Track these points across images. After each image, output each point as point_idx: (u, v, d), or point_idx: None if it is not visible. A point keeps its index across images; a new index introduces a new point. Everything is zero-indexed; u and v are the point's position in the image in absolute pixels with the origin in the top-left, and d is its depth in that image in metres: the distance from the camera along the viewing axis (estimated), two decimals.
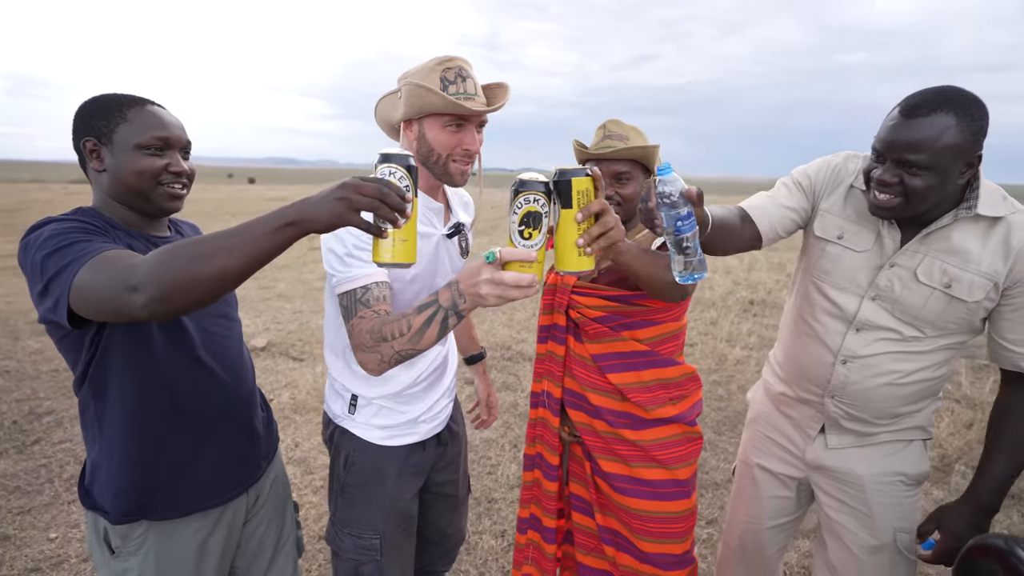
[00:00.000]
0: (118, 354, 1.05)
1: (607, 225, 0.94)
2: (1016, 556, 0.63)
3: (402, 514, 1.38)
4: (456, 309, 1.02)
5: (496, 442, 3.27)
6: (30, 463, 2.91)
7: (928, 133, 1.05)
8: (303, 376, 4.15)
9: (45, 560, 2.22)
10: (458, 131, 1.22)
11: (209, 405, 1.16)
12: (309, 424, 3.44)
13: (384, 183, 0.83)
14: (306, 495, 2.71)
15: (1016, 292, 1.14)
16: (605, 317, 1.38)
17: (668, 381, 1.38)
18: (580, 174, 0.92)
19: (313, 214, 0.82)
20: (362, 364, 1.13)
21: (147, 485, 1.11)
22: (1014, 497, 2.79)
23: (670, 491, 1.37)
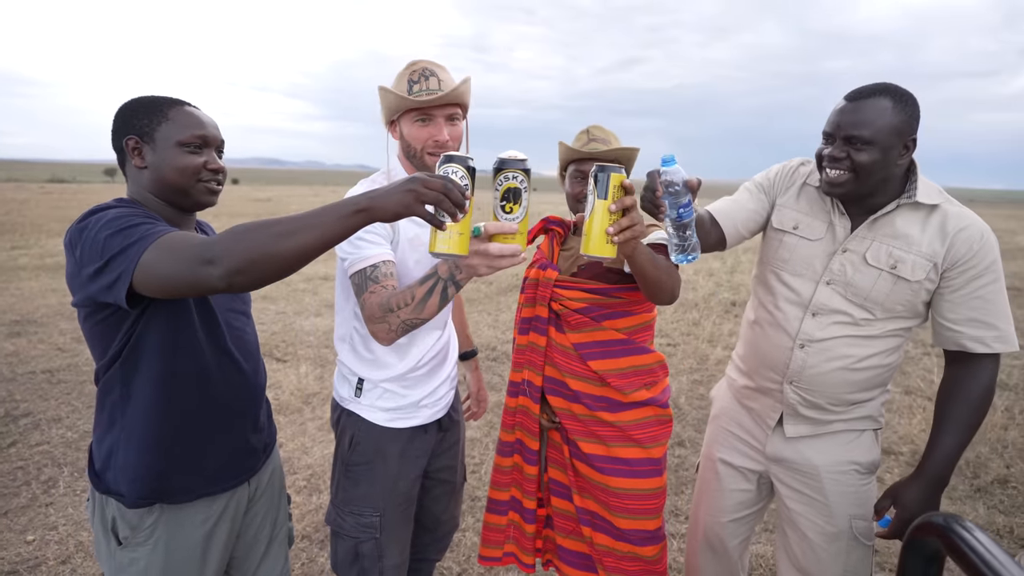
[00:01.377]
0: (154, 340, 1.10)
1: (635, 220, 1.05)
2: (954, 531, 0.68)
3: (402, 494, 1.45)
4: (454, 279, 1.13)
5: (480, 441, 3.29)
6: (6, 465, 2.87)
7: (870, 113, 1.20)
8: (287, 377, 4.14)
9: (23, 563, 2.20)
10: (426, 124, 1.33)
11: (230, 394, 1.21)
12: (293, 425, 3.44)
13: (449, 180, 0.92)
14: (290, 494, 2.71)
15: (954, 274, 1.23)
16: (586, 308, 1.45)
17: (642, 368, 1.46)
18: (619, 170, 1.04)
19: (383, 203, 0.89)
20: (373, 335, 1.24)
21: (164, 470, 1.14)
22: (980, 491, 2.89)
23: (645, 469, 1.45)
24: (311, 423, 3.46)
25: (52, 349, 4.55)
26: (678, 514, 2.64)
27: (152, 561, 1.14)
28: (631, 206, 1.04)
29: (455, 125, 1.36)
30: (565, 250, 1.59)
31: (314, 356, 4.64)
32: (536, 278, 1.54)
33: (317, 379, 4.13)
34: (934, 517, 0.72)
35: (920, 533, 0.75)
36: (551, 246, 1.61)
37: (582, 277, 1.49)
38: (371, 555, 1.43)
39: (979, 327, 1.23)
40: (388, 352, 1.43)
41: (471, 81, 1.37)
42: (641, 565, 1.46)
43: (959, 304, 1.24)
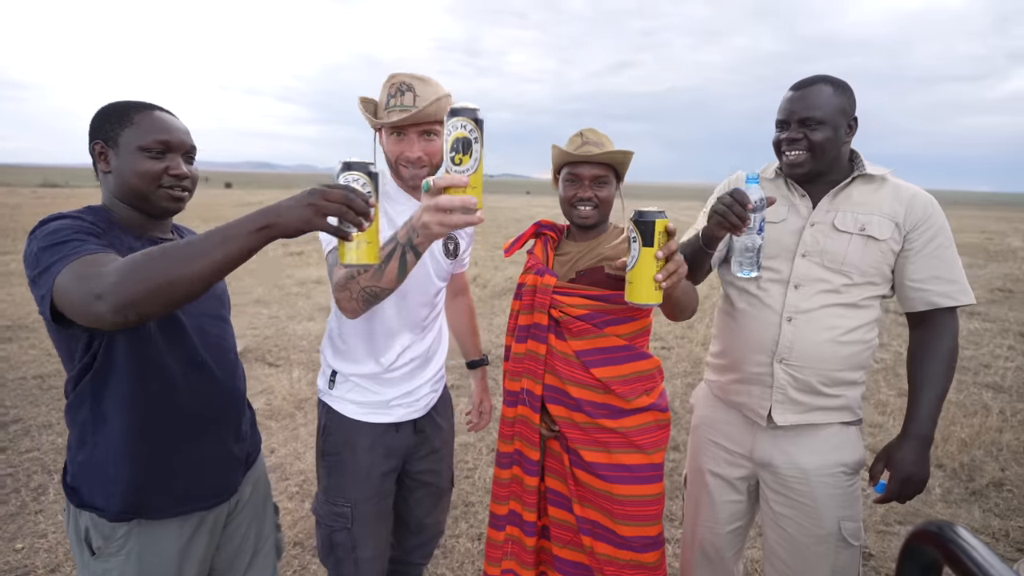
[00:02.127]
0: (122, 351, 1.07)
1: (680, 263, 1.07)
2: (952, 540, 0.67)
3: (374, 488, 1.47)
4: (412, 244, 1.07)
5: (474, 446, 3.28)
6: None
7: (817, 97, 1.35)
8: (279, 382, 4.11)
9: (11, 571, 2.17)
10: (399, 140, 1.36)
11: (205, 406, 1.19)
12: (285, 430, 3.41)
13: (350, 189, 0.88)
14: (281, 501, 2.69)
15: (915, 236, 1.35)
16: (588, 315, 1.44)
17: (643, 374, 1.45)
18: (662, 216, 1.04)
19: (285, 219, 0.87)
20: (338, 303, 1.25)
21: (141, 486, 1.12)
22: (975, 494, 2.89)
23: (647, 475, 1.43)
24: (303, 428, 3.44)
25: (43, 355, 4.50)
26: (672, 519, 2.63)
27: (125, 572, 1.12)
28: (675, 250, 1.06)
29: (431, 141, 1.37)
30: (560, 254, 1.56)
31: (307, 361, 4.61)
32: (533, 284, 1.51)
33: (310, 384, 4.10)
34: (931, 526, 0.71)
35: (917, 542, 0.74)
36: (545, 251, 1.58)
37: (581, 283, 1.47)
38: (344, 545, 1.46)
39: (943, 283, 1.34)
40: (361, 349, 1.46)
41: (449, 98, 1.35)
42: (642, 572, 1.44)
43: (923, 264, 1.35)
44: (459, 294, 1.86)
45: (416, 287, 1.47)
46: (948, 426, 3.55)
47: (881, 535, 2.54)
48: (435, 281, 1.52)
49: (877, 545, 2.47)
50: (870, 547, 2.45)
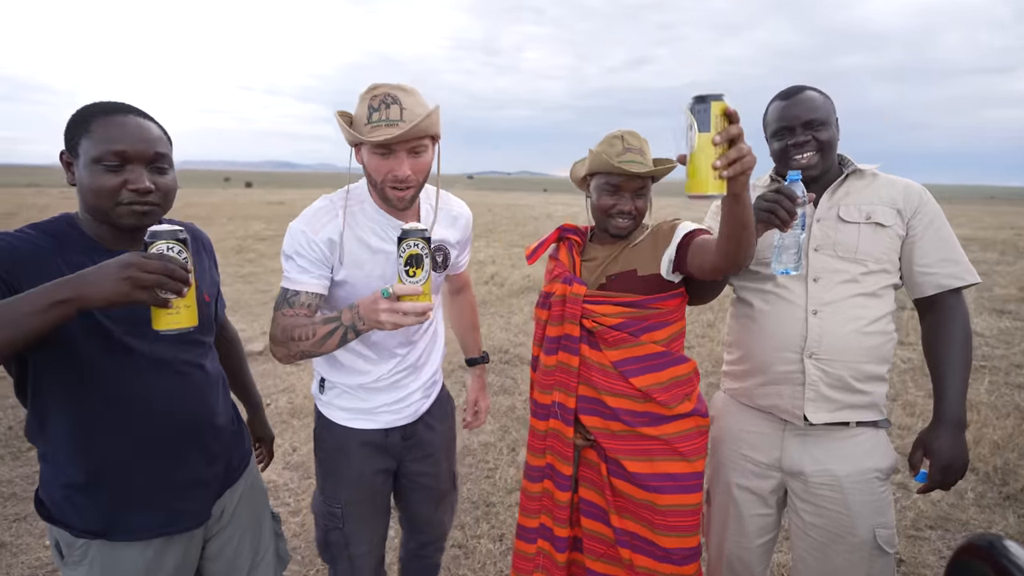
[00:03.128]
0: (46, 376, 1.03)
1: (743, 151, 0.96)
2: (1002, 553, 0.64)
3: (364, 489, 1.50)
4: (355, 328, 1.19)
5: (494, 446, 3.27)
6: (26, 469, 2.90)
7: (812, 100, 1.41)
8: (300, 380, 4.15)
9: (42, 567, 2.22)
10: (385, 158, 1.25)
11: (160, 433, 1.12)
12: (307, 428, 3.44)
13: (167, 258, 0.88)
14: (304, 500, 2.71)
15: (915, 222, 1.39)
16: (624, 323, 1.39)
17: (682, 378, 1.41)
18: (720, 98, 0.96)
19: (93, 291, 0.82)
20: (273, 354, 1.32)
21: (95, 507, 1.08)
22: (1010, 498, 2.81)
23: (690, 484, 1.39)
24: None
25: None
26: None
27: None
28: (737, 136, 0.96)
29: (419, 157, 1.28)
30: (586, 260, 1.51)
31: None
32: (563, 294, 1.45)
33: None
34: (981, 540, 0.68)
35: (966, 556, 0.71)
36: (571, 256, 1.52)
37: (612, 290, 1.42)
38: (338, 543, 1.51)
39: (949, 264, 1.38)
40: (348, 362, 1.47)
41: (438, 110, 1.27)
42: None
43: (928, 248, 1.38)
44: (460, 292, 1.84)
45: None
46: (980, 428, 3.45)
47: (912, 540, 2.48)
48: None
49: (908, 550, 2.41)
50: (901, 552, 2.39)
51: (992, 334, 5.44)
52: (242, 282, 7.52)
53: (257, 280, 7.69)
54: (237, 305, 6.19)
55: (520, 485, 2.82)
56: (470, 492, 2.78)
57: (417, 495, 1.63)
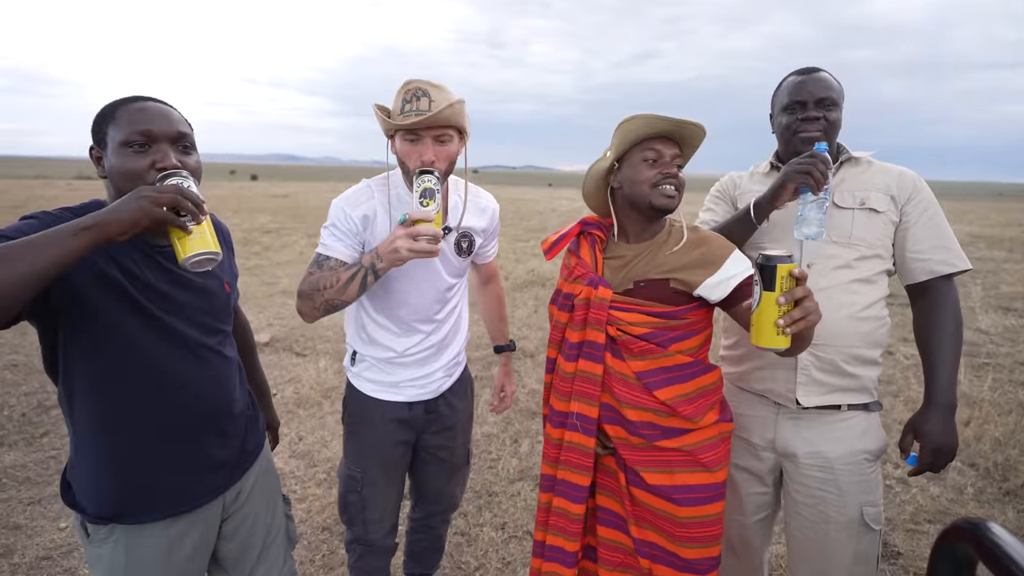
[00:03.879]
0: (78, 353, 1.05)
1: (807, 310, 1.02)
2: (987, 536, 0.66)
3: (385, 458, 1.63)
4: (374, 269, 1.31)
5: (497, 437, 3.31)
6: (40, 455, 2.96)
7: (828, 80, 1.42)
8: (306, 371, 4.20)
9: (56, 548, 2.27)
10: (414, 145, 1.39)
11: (177, 413, 1.15)
12: (312, 419, 3.49)
13: (178, 187, 0.94)
14: (309, 487, 2.76)
15: (909, 208, 1.42)
16: (651, 333, 1.31)
17: (706, 388, 1.35)
18: (786, 260, 1.03)
19: (113, 216, 0.86)
20: (299, 310, 1.44)
21: (118, 489, 1.11)
22: (1010, 494, 2.82)
23: (711, 495, 1.34)
24: (331, 416, 3.51)
25: None
26: None
27: (115, 560, 1.14)
28: (803, 297, 1.02)
29: (445, 145, 1.40)
30: (610, 258, 1.41)
31: (333, 351, 4.69)
32: (587, 297, 1.36)
33: (336, 373, 4.18)
34: (965, 523, 0.71)
35: (951, 539, 0.73)
36: (593, 254, 1.43)
37: (640, 296, 1.33)
38: (356, 505, 1.63)
39: (942, 251, 1.40)
40: (378, 336, 1.59)
41: (463, 104, 1.39)
42: None
43: (921, 234, 1.41)
44: (488, 282, 1.93)
45: (426, 283, 1.55)
46: (982, 424, 3.47)
47: (911, 534, 2.50)
48: (446, 278, 1.58)
49: (906, 544, 2.43)
50: (899, 546, 2.42)
51: (997, 331, 5.43)
52: (248, 274, 7.57)
53: (263, 272, 7.74)
54: (245, 297, 6.23)
55: (522, 475, 2.87)
56: (473, 482, 2.82)
57: (432, 467, 1.74)
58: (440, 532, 1.92)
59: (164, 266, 1.13)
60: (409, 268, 1.49)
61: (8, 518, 2.44)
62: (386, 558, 1.74)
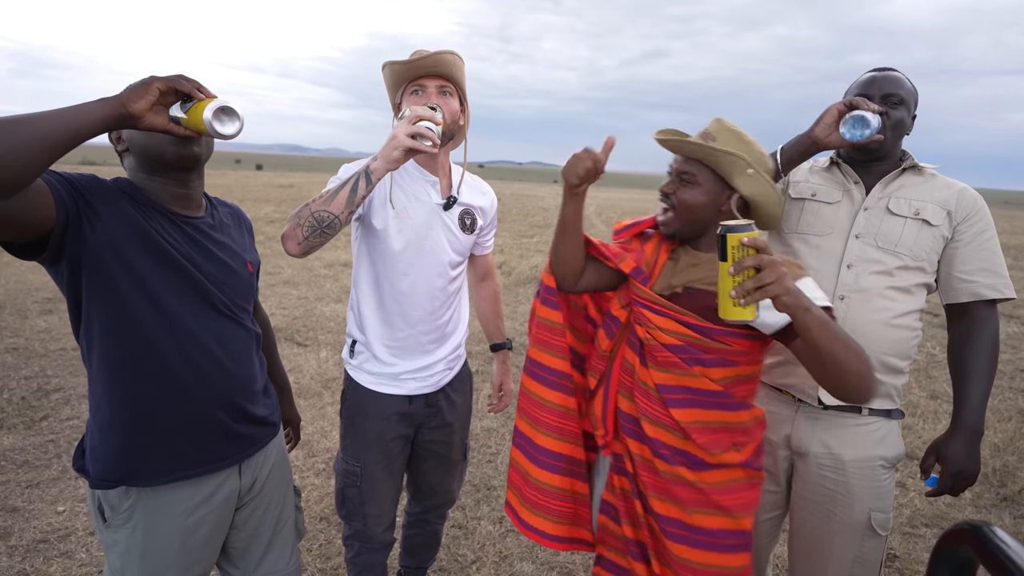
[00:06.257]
0: (101, 298, 1.07)
1: (761, 280, 0.96)
2: (989, 539, 0.66)
3: (383, 452, 1.60)
4: (367, 172, 1.27)
5: (496, 431, 3.31)
6: (38, 438, 2.97)
7: (899, 79, 1.40)
8: (307, 361, 4.20)
9: (53, 532, 2.27)
10: (421, 95, 1.47)
11: (201, 384, 1.16)
12: (312, 409, 3.49)
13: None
14: (308, 477, 2.76)
15: (964, 227, 1.38)
16: (679, 347, 1.20)
17: (734, 425, 1.21)
18: (737, 229, 0.99)
19: (129, 96, 0.94)
20: (284, 236, 1.29)
21: (125, 450, 1.12)
22: (1007, 500, 2.82)
23: (731, 543, 1.19)
24: (330, 407, 3.51)
25: None
26: None
27: (132, 544, 1.14)
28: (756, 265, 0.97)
29: (448, 99, 1.48)
30: (672, 259, 1.33)
31: (334, 341, 4.69)
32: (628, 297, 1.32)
33: (337, 364, 4.18)
34: (965, 525, 0.70)
35: (951, 541, 0.72)
36: (657, 250, 1.34)
37: (682, 304, 1.23)
38: (354, 500, 1.61)
39: (990, 276, 1.37)
40: (377, 318, 1.56)
41: (463, 61, 1.49)
42: None
43: (971, 255, 1.37)
44: (485, 278, 1.90)
45: (429, 255, 1.53)
46: None
47: (907, 537, 2.50)
48: (449, 252, 1.57)
49: (903, 547, 2.43)
50: (896, 548, 2.42)
51: (1000, 339, 5.42)
52: None
53: (265, 262, 7.74)
54: None
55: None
56: (471, 475, 2.82)
57: (430, 462, 1.72)
58: (436, 527, 1.91)
59: (190, 235, 1.17)
60: (412, 239, 1.49)
61: (6, 500, 2.44)
62: (384, 553, 1.72)
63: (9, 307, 5.09)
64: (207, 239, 1.20)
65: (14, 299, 5.34)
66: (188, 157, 1.14)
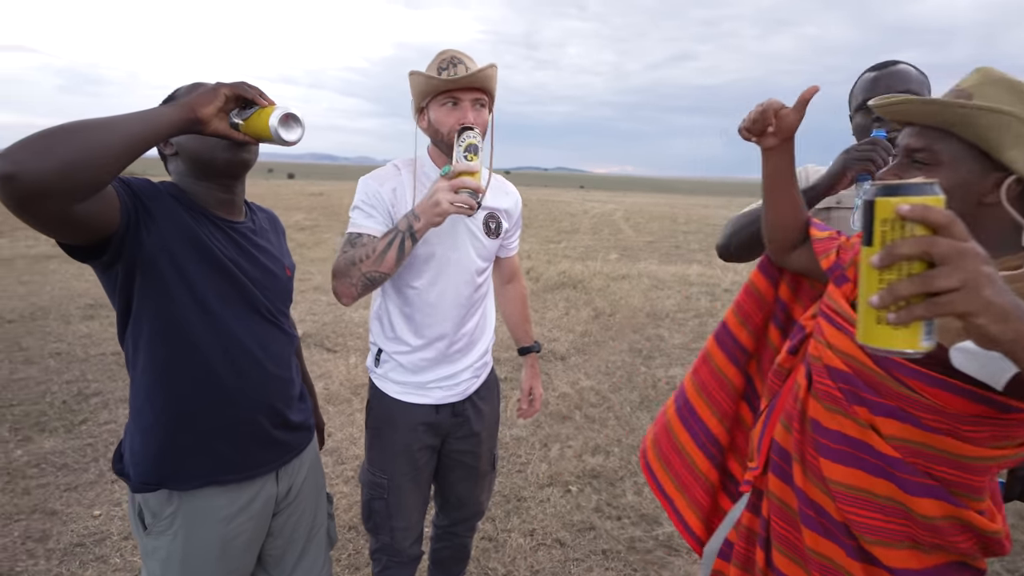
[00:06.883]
0: (151, 298, 1.08)
1: (928, 284, 0.53)
2: None
3: (410, 463, 1.56)
4: (411, 231, 1.28)
5: (526, 440, 3.24)
6: (77, 442, 3.02)
7: (906, 75, 1.32)
8: (337, 367, 4.21)
9: (89, 536, 2.30)
10: (454, 109, 1.39)
11: (242, 387, 1.16)
12: (342, 415, 3.48)
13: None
14: (337, 485, 2.74)
15: None
16: (844, 375, 0.87)
17: (916, 515, 0.82)
18: (891, 191, 0.57)
19: (198, 100, 0.97)
20: (336, 291, 1.38)
21: (166, 452, 1.13)
22: None
23: None
24: (359, 414, 3.50)
25: None
26: None
27: (172, 551, 1.14)
28: (922, 254, 0.54)
29: (481, 111, 1.42)
30: None
31: (363, 347, 4.70)
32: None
33: (366, 370, 4.18)
34: None
35: None
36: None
37: None
38: (381, 513, 1.57)
39: None
40: (404, 327, 1.53)
41: (496, 68, 1.42)
42: None
43: None
44: (511, 281, 1.86)
45: (455, 264, 1.50)
46: None
47: None
48: (476, 260, 1.54)
49: None
50: None
51: None
52: None
53: (296, 269, 7.84)
54: None
55: (551, 481, 2.80)
56: (501, 486, 2.77)
57: (457, 472, 1.68)
58: (465, 540, 1.86)
59: (235, 240, 1.18)
60: (438, 249, 1.46)
61: (45, 503, 2.49)
62: (412, 567, 1.68)
63: (53, 312, 5.25)
64: (250, 244, 1.22)
65: (58, 305, 5.51)
66: (239, 163, 1.16)
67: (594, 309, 6.16)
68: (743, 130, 1.06)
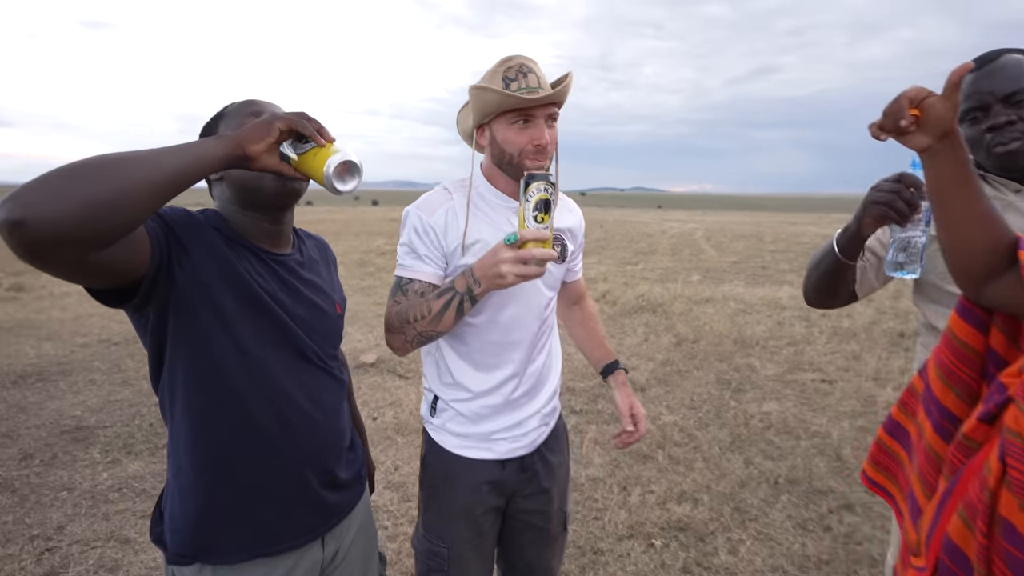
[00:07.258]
0: (187, 343, 0.98)
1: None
2: None
3: (473, 528, 1.37)
4: (471, 294, 1.13)
5: (603, 482, 2.98)
6: (158, 466, 3.09)
7: (1015, 68, 1.10)
8: (408, 395, 4.14)
9: (157, 569, 2.29)
10: (526, 127, 1.23)
11: (290, 445, 1.05)
12: (411, 447, 3.37)
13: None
14: (402, 525, 2.60)
15: None
16: None
17: None
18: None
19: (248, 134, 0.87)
20: (389, 344, 1.28)
21: (205, 520, 1.01)
22: None
23: None
24: None
25: None
26: None
27: None
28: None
29: (554, 126, 1.26)
30: None
31: None
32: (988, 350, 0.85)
33: None
34: None
35: None
36: None
37: None
38: None
39: None
40: (466, 370, 1.35)
41: (572, 77, 1.27)
42: None
43: None
44: (577, 301, 1.66)
45: (523, 300, 1.33)
46: None
47: None
48: (544, 291, 1.37)
49: None
50: None
51: None
52: (361, 294, 7.86)
53: (375, 293, 8.01)
54: (355, 317, 6.44)
55: (632, 532, 2.52)
56: (576, 535, 2.52)
57: (526, 536, 1.47)
58: None
59: (279, 274, 1.09)
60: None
61: (120, 530, 2.52)
62: None
63: None
64: (296, 278, 1.12)
65: None
66: (288, 194, 1.07)
67: (676, 335, 5.79)
68: (874, 126, 0.89)
